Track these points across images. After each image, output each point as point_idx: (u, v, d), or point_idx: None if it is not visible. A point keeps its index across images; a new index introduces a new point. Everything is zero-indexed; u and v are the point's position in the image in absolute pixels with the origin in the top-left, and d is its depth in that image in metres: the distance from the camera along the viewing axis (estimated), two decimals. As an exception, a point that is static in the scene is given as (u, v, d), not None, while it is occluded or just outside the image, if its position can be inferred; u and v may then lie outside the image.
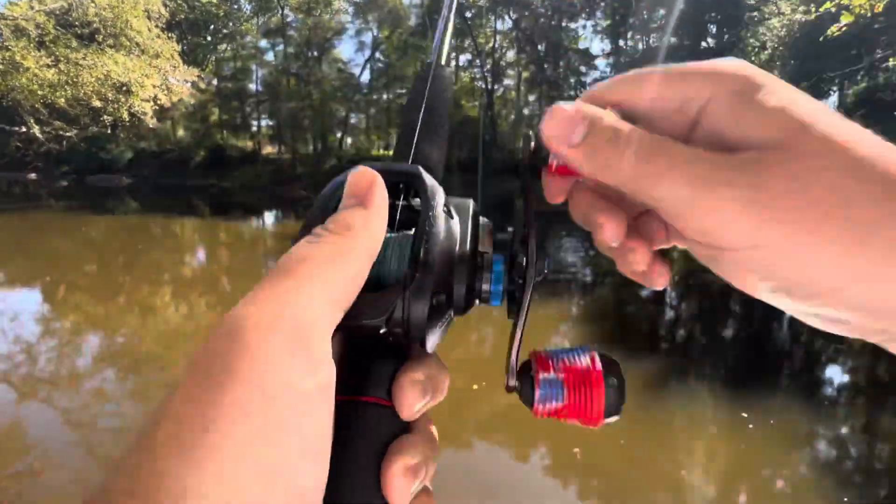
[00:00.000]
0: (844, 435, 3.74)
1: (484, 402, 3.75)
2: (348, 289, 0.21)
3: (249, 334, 0.18)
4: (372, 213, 0.23)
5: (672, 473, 3.13)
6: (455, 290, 0.27)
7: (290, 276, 0.20)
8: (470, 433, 3.41)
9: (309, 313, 0.19)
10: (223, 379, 0.17)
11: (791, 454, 3.42)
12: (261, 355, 0.17)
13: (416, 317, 0.24)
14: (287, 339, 0.18)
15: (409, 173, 0.30)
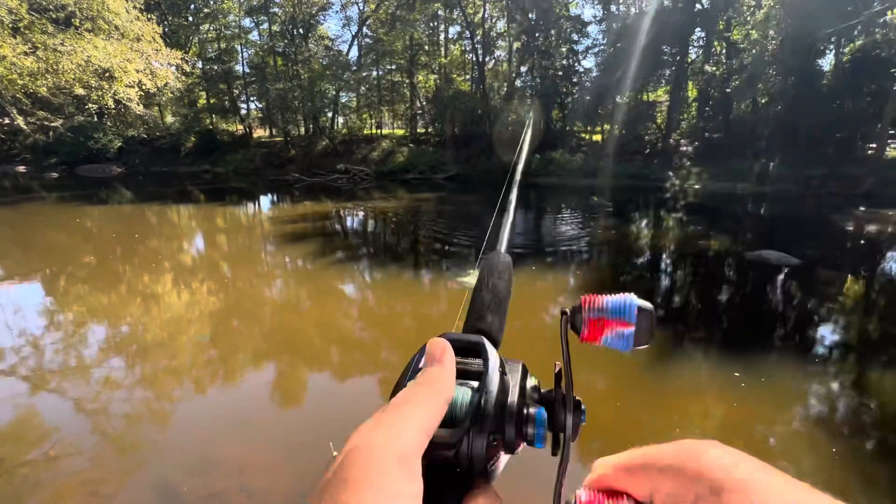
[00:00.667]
0: (834, 391, 3.88)
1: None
2: (433, 424, 0.28)
3: (374, 453, 0.24)
4: (445, 370, 0.32)
5: (667, 431, 3.26)
6: (507, 432, 0.34)
7: (398, 414, 0.27)
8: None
9: (410, 442, 0.26)
10: (359, 482, 0.23)
11: (782, 411, 3.56)
12: (381, 468, 0.24)
13: (477, 450, 0.31)
14: (397, 459, 0.24)
15: (474, 343, 0.38)
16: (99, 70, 13.19)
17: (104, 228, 11.02)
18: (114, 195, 17.24)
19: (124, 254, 8.54)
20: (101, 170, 25.18)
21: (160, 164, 27.13)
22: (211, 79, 27.71)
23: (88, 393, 3.74)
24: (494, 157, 22.72)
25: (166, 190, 18.84)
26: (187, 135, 27.75)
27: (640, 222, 11.68)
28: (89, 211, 13.37)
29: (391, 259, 7.98)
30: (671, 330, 5.02)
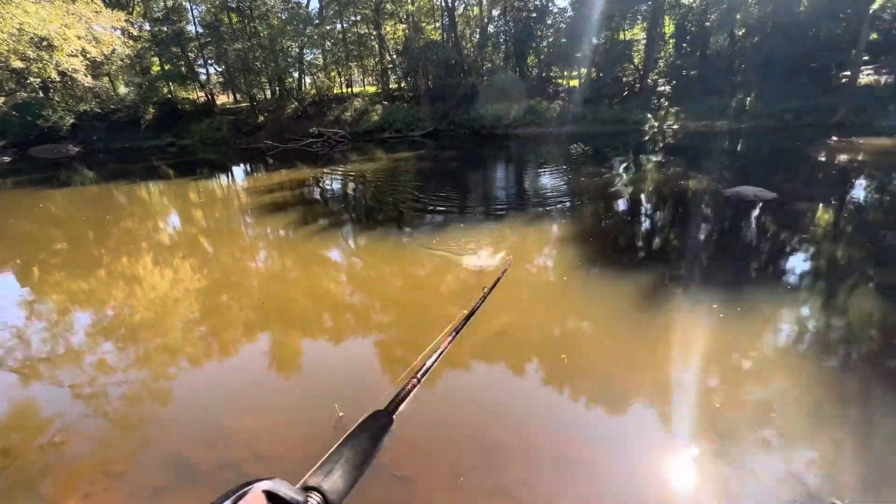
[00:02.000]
0: (804, 316, 4.12)
1: (479, 328, 3.96)
2: None
3: None
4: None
5: (651, 363, 3.45)
6: None
7: None
8: (468, 356, 3.64)
9: None
10: None
11: (756, 338, 3.78)
12: None
13: None
14: None
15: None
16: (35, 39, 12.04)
17: (71, 212, 10.54)
18: (75, 176, 16.33)
19: (98, 237, 8.23)
20: (56, 150, 23.65)
21: (120, 140, 25.61)
22: (161, 42, 25.63)
23: (84, 379, 3.73)
24: (472, 109, 22.08)
25: (131, 167, 17.92)
26: (145, 106, 26.01)
27: (621, 167, 11.70)
28: (51, 195, 12.68)
29: (374, 224, 7.89)
30: (653, 269, 5.18)
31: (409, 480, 2.49)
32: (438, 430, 2.83)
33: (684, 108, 19.41)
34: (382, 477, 2.51)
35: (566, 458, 2.62)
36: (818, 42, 17.53)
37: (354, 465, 0.50)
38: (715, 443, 2.69)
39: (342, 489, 0.45)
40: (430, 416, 2.96)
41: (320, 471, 0.48)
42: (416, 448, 2.71)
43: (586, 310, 4.39)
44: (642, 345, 3.76)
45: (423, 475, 2.52)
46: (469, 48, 25.69)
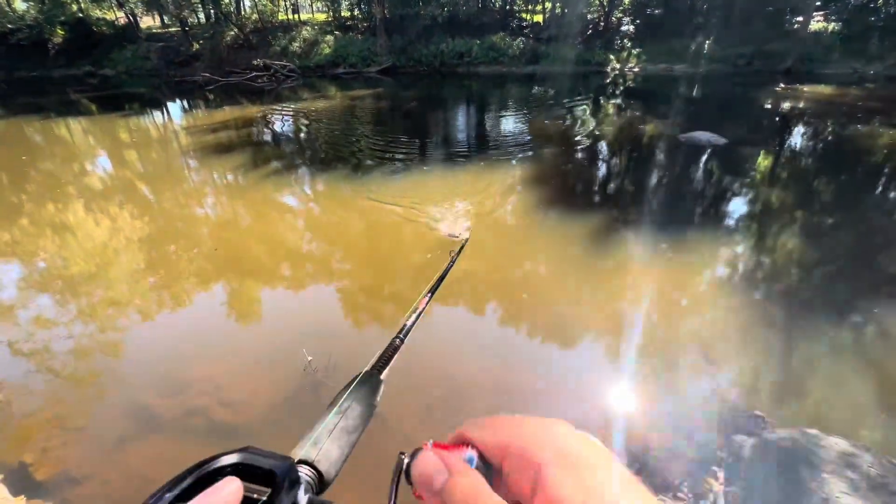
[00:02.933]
0: (740, 254, 4.49)
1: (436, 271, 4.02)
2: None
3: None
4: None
5: (602, 301, 3.70)
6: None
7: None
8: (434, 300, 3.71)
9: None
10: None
11: (697, 276, 4.11)
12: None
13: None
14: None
15: (275, 469, 0.31)
16: None
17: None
18: (-25, 110, 14.13)
19: (14, 181, 7.34)
20: (-55, 78, 20.16)
21: (26, 68, 22.18)
22: (63, -54, 21.57)
23: (20, 335, 3.48)
24: (432, 44, 20.77)
25: (44, 100, 15.71)
26: (51, 27, 22.33)
27: (581, 110, 11.66)
28: (-51, 132, 10.97)
29: (329, 169, 7.52)
30: (608, 212, 5.38)
31: (381, 416, 2.60)
32: (408, 370, 2.93)
33: (646, 50, 19.28)
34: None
35: (523, 388, 2.82)
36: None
37: (347, 431, 0.45)
38: (655, 369, 2.98)
39: (336, 458, 0.41)
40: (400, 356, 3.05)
41: (308, 441, 0.41)
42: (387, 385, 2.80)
43: (544, 252, 4.54)
44: (595, 283, 3.99)
45: (396, 410, 2.64)
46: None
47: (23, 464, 2.29)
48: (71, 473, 2.25)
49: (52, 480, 2.21)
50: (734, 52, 17.46)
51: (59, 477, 2.23)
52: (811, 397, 2.76)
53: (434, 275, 1.07)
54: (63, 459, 2.33)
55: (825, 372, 2.94)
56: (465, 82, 18.15)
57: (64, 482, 2.21)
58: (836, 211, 5.38)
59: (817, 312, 3.48)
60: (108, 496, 2.16)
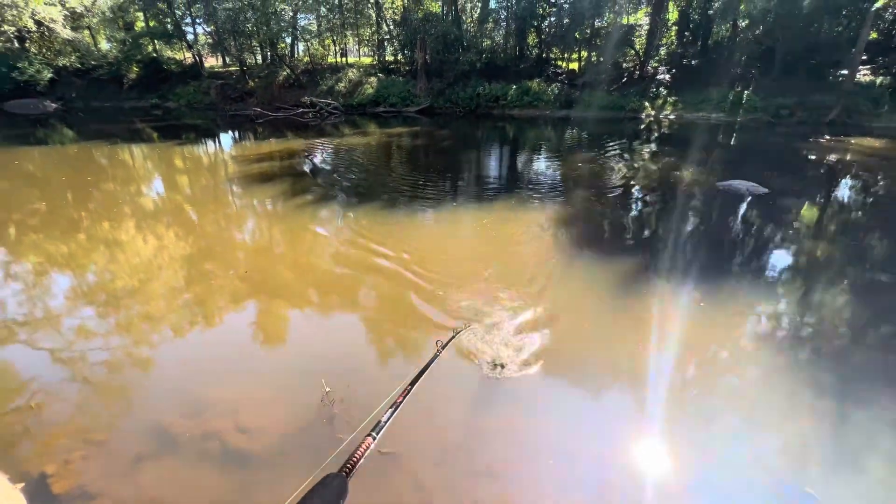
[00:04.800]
0: (783, 309, 4.21)
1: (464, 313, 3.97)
2: None
3: None
4: None
5: (629, 350, 3.52)
6: None
7: None
8: (453, 344, 3.66)
9: None
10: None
11: (735, 330, 3.86)
12: None
13: None
14: None
15: None
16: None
17: (50, 172, 10.15)
18: (54, 134, 15.67)
19: (78, 199, 7.97)
20: (33, 105, 22.60)
21: (101, 99, 24.55)
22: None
23: (62, 343, 3.65)
24: (469, 87, 21.63)
25: (113, 128, 17.25)
26: (128, 64, 24.86)
27: (615, 155, 11.66)
28: (28, 153, 12.17)
29: (363, 200, 7.77)
30: (638, 257, 5.23)
31: (395, 457, 2.52)
32: (425, 411, 2.86)
33: (682, 98, 19.32)
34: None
35: (547, 442, 2.67)
36: (818, 38, 17.47)
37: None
38: (689, 429, 2.77)
39: None
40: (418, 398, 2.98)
41: None
42: (401, 425, 2.73)
43: (568, 294, 4.42)
44: (623, 331, 3.82)
45: (410, 452, 2.55)
46: (469, 23, 24.98)
47: (43, 474, 2.34)
48: (87, 489, 2.27)
49: (68, 494, 2.24)
50: (775, 103, 17.23)
51: (75, 491, 2.25)
52: (868, 477, 2.47)
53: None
54: (81, 473, 2.36)
55: (885, 448, 2.64)
56: (499, 124, 18.65)
57: (78, 497, 2.22)
58: (891, 269, 5.02)
59: (873, 380, 3.18)
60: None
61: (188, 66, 26.44)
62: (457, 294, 4.29)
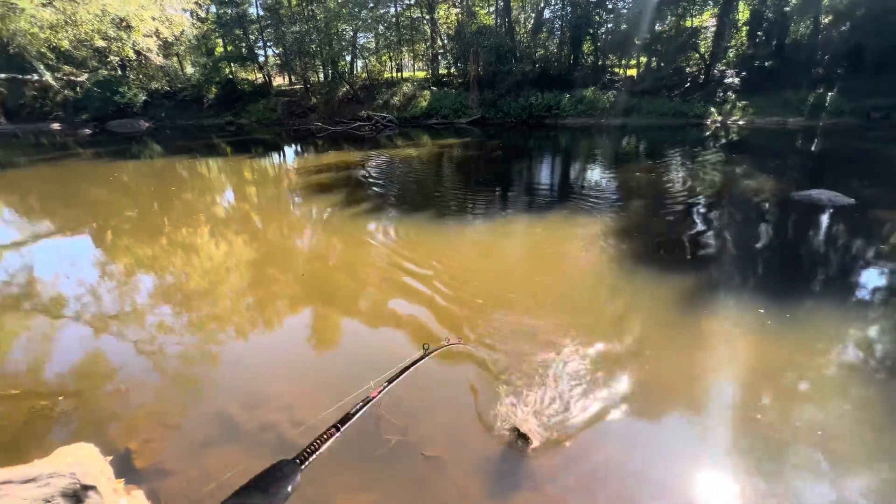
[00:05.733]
0: (870, 334, 3.76)
1: (515, 322, 3.93)
2: None
3: None
4: None
5: (691, 373, 3.29)
6: None
7: None
8: (493, 346, 3.63)
9: None
10: None
11: (817, 355, 3.50)
12: None
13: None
14: None
15: None
16: (116, 19, 12.97)
17: (140, 183, 11.40)
18: (145, 150, 17.62)
19: (162, 207, 8.88)
20: (130, 125, 25.57)
21: (185, 117, 27.26)
22: (226, 24, 26.86)
23: (145, 336, 4.07)
24: (522, 97, 21.57)
25: (193, 143, 19.07)
26: (208, 85, 27.50)
27: (676, 164, 11.06)
28: (124, 166, 13.78)
29: (414, 209, 7.97)
30: (703, 273, 4.90)
31: (438, 460, 2.55)
32: (471, 415, 2.86)
33: (753, 103, 17.99)
34: (413, 456, 2.58)
35: (603, 461, 2.57)
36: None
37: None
38: (761, 460, 2.54)
39: None
40: (461, 399, 3.00)
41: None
42: (445, 427, 2.76)
43: (625, 309, 4.23)
44: (688, 351, 3.59)
45: (452, 455, 2.56)
46: (523, 34, 25.00)
47: (128, 450, 2.62)
48: (162, 466, 2.51)
49: (147, 470, 2.49)
50: (866, 104, 15.53)
51: (152, 468, 2.50)
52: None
53: (399, 362, 1.02)
54: (158, 452, 2.62)
55: None
56: (551, 133, 18.39)
57: (155, 473, 2.47)
58: None
59: None
60: (187, 494, 2.36)
61: (259, 85, 28.72)
62: (498, 320, 4.26)
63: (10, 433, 2.83)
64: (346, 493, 2.38)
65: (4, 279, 5.46)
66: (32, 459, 1.89)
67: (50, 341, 4.02)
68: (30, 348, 3.90)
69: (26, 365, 3.64)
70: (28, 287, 5.28)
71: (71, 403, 3.10)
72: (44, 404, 3.09)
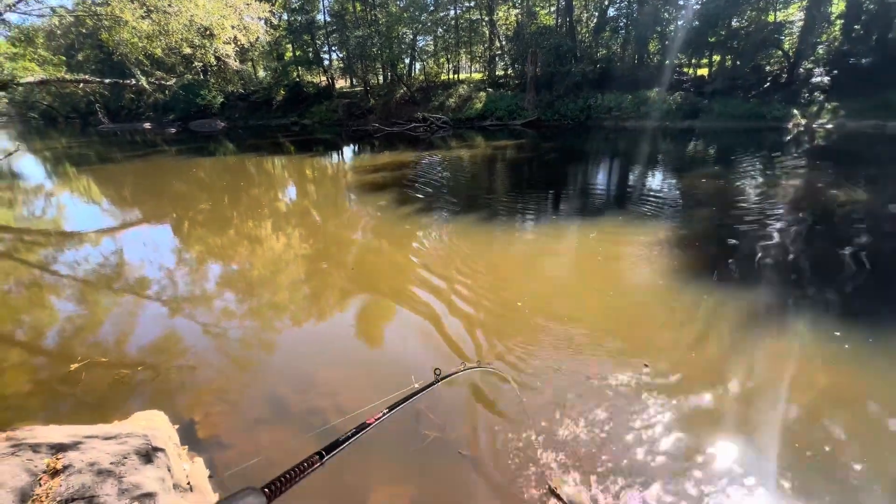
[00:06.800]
0: None
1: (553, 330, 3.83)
2: None
3: None
4: None
5: (760, 400, 3.03)
6: None
7: None
8: (546, 353, 3.56)
9: None
10: None
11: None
12: None
13: None
14: None
15: None
16: (201, 28, 14.23)
17: (214, 178, 12.42)
18: (220, 148, 19.16)
19: (231, 201, 9.61)
20: (208, 124, 27.98)
21: (255, 118, 29.32)
22: (296, 31, 28.55)
23: (211, 319, 4.43)
24: (579, 99, 20.95)
25: (261, 142, 20.46)
26: (277, 88, 29.39)
27: (750, 170, 10.22)
28: (202, 162, 15.08)
29: (464, 211, 8.01)
30: (771, 289, 4.49)
31: (472, 459, 2.55)
32: (512, 410, 2.84)
33: (845, 104, 16.20)
34: (450, 454, 2.60)
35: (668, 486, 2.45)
36: None
37: None
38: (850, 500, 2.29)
39: None
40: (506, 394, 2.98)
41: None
42: (483, 430, 2.75)
43: (687, 329, 3.98)
44: (757, 375, 3.31)
45: (489, 454, 2.56)
46: (584, 33, 24.28)
47: (192, 421, 2.87)
48: (220, 439, 2.73)
49: (207, 440, 2.72)
50: None
51: (212, 439, 2.73)
52: None
53: (433, 368, 0.94)
54: (217, 425, 2.85)
55: None
56: (610, 136, 17.70)
57: (214, 444, 2.69)
58: None
59: None
60: (240, 466, 2.54)
61: (322, 87, 30.24)
62: (541, 334, 4.17)
63: (97, 396, 3.21)
64: (383, 482, 2.45)
65: (101, 261, 6.18)
66: (113, 420, 2.13)
67: (134, 318, 4.49)
68: (117, 323, 4.39)
69: (114, 337, 4.10)
70: (118, 269, 5.94)
71: (147, 374, 3.45)
72: (126, 373, 3.46)
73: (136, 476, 1.43)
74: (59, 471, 1.36)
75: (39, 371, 3.57)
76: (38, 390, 3.31)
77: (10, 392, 3.29)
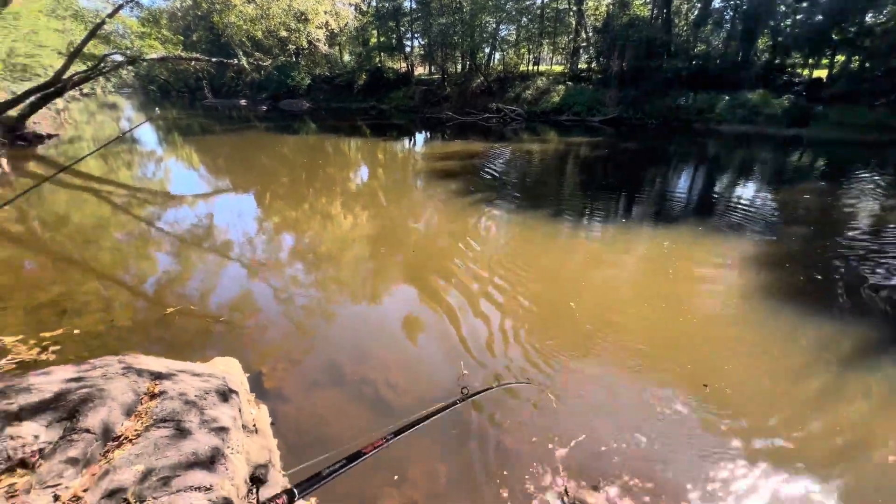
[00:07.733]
0: None
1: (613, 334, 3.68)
2: None
3: None
4: None
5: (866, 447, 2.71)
6: None
7: None
8: (594, 368, 3.44)
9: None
10: None
11: None
12: None
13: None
14: None
15: None
16: (297, 13, 15.17)
17: (295, 155, 13.31)
18: (303, 127, 20.44)
19: (308, 178, 10.25)
20: (295, 104, 29.89)
21: (337, 101, 30.79)
22: (382, 17, 29.39)
23: (282, 285, 4.81)
24: (668, 97, 19.48)
25: (341, 124, 21.49)
26: (360, 72, 30.59)
27: (866, 188, 8.93)
28: (286, 139, 16.21)
29: (528, 206, 7.86)
30: (872, 320, 3.93)
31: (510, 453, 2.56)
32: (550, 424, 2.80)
33: None
34: (491, 442, 2.64)
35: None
36: None
37: None
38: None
39: None
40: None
41: None
42: (525, 422, 2.75)
43: (757, 354, 3.64)
44: (845, 417, 2.96)
45: (527, 451, 2.55)
46: (682, 26, 22.45)
47: (260, 373, 3.18)
48: (282, 392, 3.00)
49: (272, 392, 3.00)
50: None
51: (275, 391, 3.00)
52: None
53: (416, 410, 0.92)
54: (281, 380, 3.13)
55: None
56: (699, 140, 16.33)
57: (277, 397, 2.95)
58: None
59: None
60: (297, 420, 2.78)
61: (402, 73, 30.95)
62: (589, 356, 4.00)
63: (186, 338, 3.65)
64: (424, 459, 2.54)
65: (195, 222, 6.93)
66: (197, 361, 2.42)
67: (217, 276, 5.01)
68: (204, 278, 4.92)
69: (199, 291, 4.60)
70: (208, 230, 6.63)
71: (226, 327, 3.85)
72: (209, 322, 3.89)
73: (214, 411, 1.63)
74: (156, 394, 1.59)
75: (140, 312, 4.13)
76: (139, 327, 3.83)
77: (121, 325, 3.84)
